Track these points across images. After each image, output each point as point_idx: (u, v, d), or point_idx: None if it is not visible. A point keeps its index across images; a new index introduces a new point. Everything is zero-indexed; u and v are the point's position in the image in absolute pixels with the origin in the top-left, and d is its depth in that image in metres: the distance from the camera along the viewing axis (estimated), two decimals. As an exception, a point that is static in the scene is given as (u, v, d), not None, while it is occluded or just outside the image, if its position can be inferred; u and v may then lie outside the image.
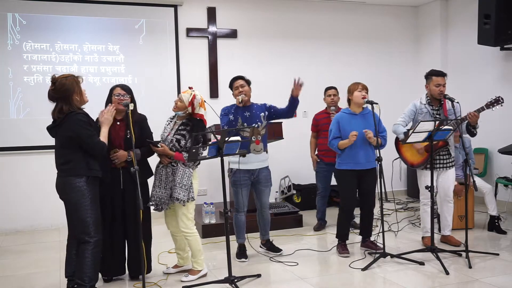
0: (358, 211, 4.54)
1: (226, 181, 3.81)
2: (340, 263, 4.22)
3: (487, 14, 5.75)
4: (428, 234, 4.38)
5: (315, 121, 5.52)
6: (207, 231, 5.20)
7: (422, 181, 4.52)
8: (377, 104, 4.18)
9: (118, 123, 3.74)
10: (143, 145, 3.74)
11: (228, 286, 3.61)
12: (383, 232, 4.15)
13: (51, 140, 3.45)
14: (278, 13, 6.94)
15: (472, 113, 4.23)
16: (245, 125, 4.18)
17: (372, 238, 4.53)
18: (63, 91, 3.29)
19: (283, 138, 5.44)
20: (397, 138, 4.66)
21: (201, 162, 3.89)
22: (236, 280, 3.62)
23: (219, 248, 4.74)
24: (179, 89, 6.36)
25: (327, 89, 5.44)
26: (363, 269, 3.96)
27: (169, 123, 3.95)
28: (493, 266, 3.98)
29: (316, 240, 5.08)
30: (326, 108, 5.47)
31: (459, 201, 4.99)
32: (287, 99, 4.23)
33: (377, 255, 4.13)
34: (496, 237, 4.95)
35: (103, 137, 3.41)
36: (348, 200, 4.41)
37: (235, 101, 4.26)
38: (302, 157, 6.28)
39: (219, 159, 3.57)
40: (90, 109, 3.51)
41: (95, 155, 3.36)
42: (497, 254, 4.24)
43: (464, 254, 4.07)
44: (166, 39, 6.44)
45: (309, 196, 6.44)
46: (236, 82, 4.28)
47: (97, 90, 5.61)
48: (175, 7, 6.48)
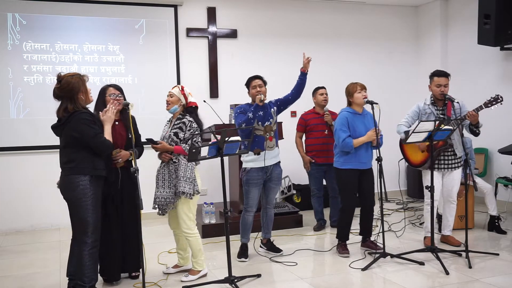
0: (358, 211, 4.54)
1: (226, 181, 3.81)
2: (340, 263, 4.22)
3: (487, 14, 5.75)
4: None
5: (303, 121, 5.47)
6: (207, 231, 5.20)
7: (426, 181, 4.51)
8: (377, 104, 4.18)
9: (117, 123, 3.74)
10: (137, 145, 3.75)
11: (228, 286, 3.61)
12: (383, 232, 4.15)
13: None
14: (278, 13, 6.94)
15: (471, 112, 4.22)
16: (259, 124, 4.22)
17: (372, 238, 4.53)
18: (68, 89, 3.28)
19: (283, 138, 5.43)
20: (401, 139, 4.66)
21: (201, 161, 3.89)
22: (236, 280, 3.62)
23: (219, 248, 4.74)
24: (179, 89, 6.37)
25: (317, 88, 5.43)
26: (363, 269, 3.96)
27: (166, 124, 4.00)
28: (493, 266, 3.98)
29: (316, 240, 5.08)
30: (314, 107, 5.47)
31: (459, 201, 4.98)
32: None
33: (377, 255, 4.14)
34: (496, 237, 4.95)
35: (107, 134, 3.40)
36: (349, 200, 4.41)
37: (251, 100, 4.31)
38: (302, 157, 6.28)
39: (219, 159, 3.58)
40: (90, 109, 3.50)
41: (101, 153, 3.35)
42: (497, 254, 4.24)
43: (464, 254, 4.07)
44: (166, 39, 6.44)
45: (309, 196, 6.40)
46: (254, 82, 4.30)
47: (97, 90, 5.55)
48: (175, 7, 6.48)
